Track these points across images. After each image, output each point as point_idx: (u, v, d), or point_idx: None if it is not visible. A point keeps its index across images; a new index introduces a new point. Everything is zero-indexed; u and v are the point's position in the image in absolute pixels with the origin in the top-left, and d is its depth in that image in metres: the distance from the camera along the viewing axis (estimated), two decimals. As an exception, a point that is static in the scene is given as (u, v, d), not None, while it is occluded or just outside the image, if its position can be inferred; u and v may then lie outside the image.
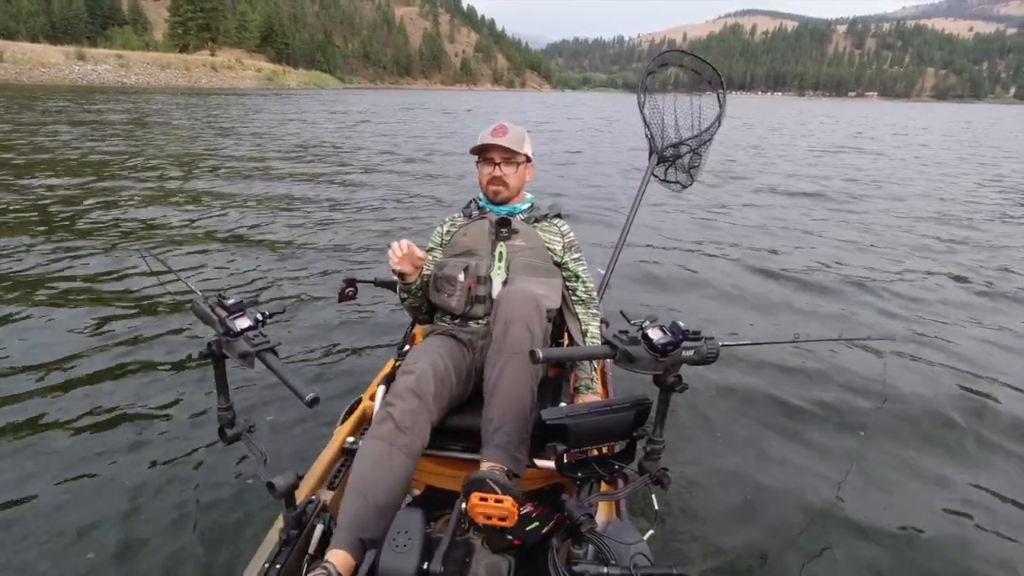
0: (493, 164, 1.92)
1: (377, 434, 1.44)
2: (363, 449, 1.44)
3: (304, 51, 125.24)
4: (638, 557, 1.17)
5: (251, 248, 5.31)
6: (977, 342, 3.82)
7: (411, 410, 1.47)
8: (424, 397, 1.51)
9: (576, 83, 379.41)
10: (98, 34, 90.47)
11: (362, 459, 1.41)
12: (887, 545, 2.04)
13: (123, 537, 1.93)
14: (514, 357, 1.48)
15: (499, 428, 1.41)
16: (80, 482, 2.19)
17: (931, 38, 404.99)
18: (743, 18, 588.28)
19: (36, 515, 2.02)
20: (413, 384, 1.52)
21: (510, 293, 1.62)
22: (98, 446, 2.41)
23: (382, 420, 1.46)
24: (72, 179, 8.28)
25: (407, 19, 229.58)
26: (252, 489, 2.14)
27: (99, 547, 1.89)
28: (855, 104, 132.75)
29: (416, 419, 1.47)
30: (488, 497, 1.20)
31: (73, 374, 2.96)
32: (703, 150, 2.80)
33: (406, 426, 1.45)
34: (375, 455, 1.40)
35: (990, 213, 8.23)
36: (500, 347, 1.51)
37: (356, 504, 1.33)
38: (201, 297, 1.26)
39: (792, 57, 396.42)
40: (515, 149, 1.90)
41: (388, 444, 1.42)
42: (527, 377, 1.48)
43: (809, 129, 27.50)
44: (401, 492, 1.41)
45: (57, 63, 60.60)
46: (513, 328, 1.51)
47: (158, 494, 2.14)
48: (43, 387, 2.82)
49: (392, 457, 1.40)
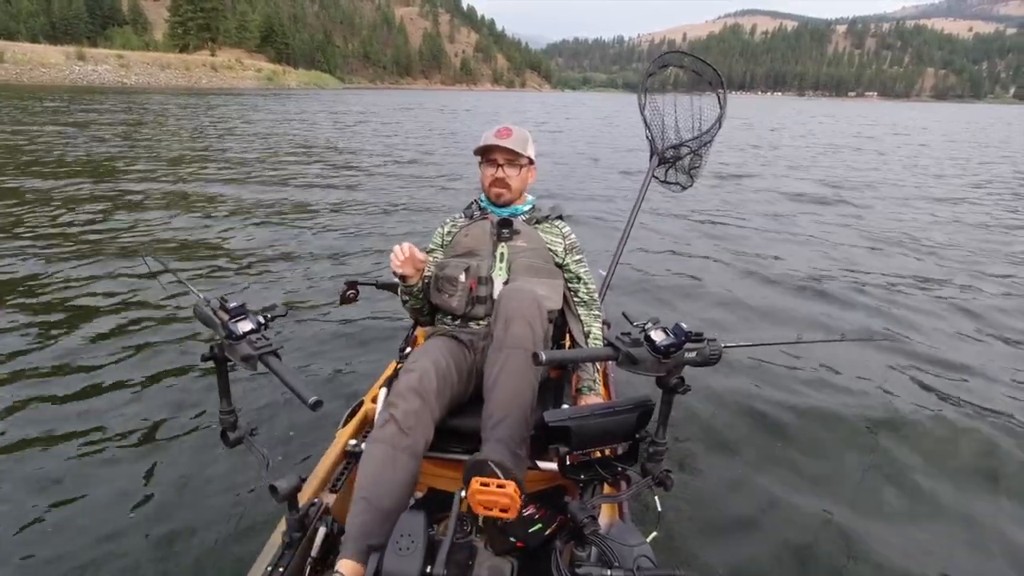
0: (496, 165, 1.92)
1: (380, 437, 1.44)
2: (367, 454, 1.43)
3: (304, 51, 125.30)
4: (641, 559, 1.17)
5: (252, 251, 5.30)
6: (979, 341, 3.82)
7: (414, 410, 1.47)
8: (426, 396, 1.50)
9: (576, 83, 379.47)
10: (98, 34, 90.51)
11: (366, 464, 1.41)
12: (893, 551, 2.03)
13: (125, 541, 1.92)
14: (515, 353, 1.48)
15: (499, 423, 1.40)
16: (80, 485, 2.18)
17: (931, 38, 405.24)
18: (743, 18, 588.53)
19: (37, 520, 2.01)
20: (415, 383, 1.51)
21: (511, 291, 1.62)
22: (100, 449, 2.40)
23: (384, 423, 1.46)
24: (71, 181, 8.27)
25: (407, 19, 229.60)
26: (255, 492, 2.14)
27: (100, 551, 1.88)
28: (855, 104, 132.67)
29: (419, 419, 1.47)
30: (490, 482, 1.19)
31: (73, 378, 2.95)
32: (704, 151, 2.80)
33: (409, 426, 1.44)
34: (379, 459, 1.40)
35: (999, 215, 8.23)
36: (501, 343, 1.51)
37: (363, 511, 1.32)
38: (203, 300, 1.25)
39: (792, 57, 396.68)
40: (519, 151, 1.89)
41: (391, 447, 1.41)
42: (528, 373, 1.48)
43: (808, 129, 27.51)
44: (407, 494, 1.41)
45: (57, 63, 60.64)
46: (514, 325, 1.51)
47: (161, 498, 2.13)
48: (43, 391, 2.81)
49: (396, 460, 1.40)
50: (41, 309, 3.78)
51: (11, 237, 5.37)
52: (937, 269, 5.47)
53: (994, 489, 2.40)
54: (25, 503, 2.09)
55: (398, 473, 1.39)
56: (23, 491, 2.15)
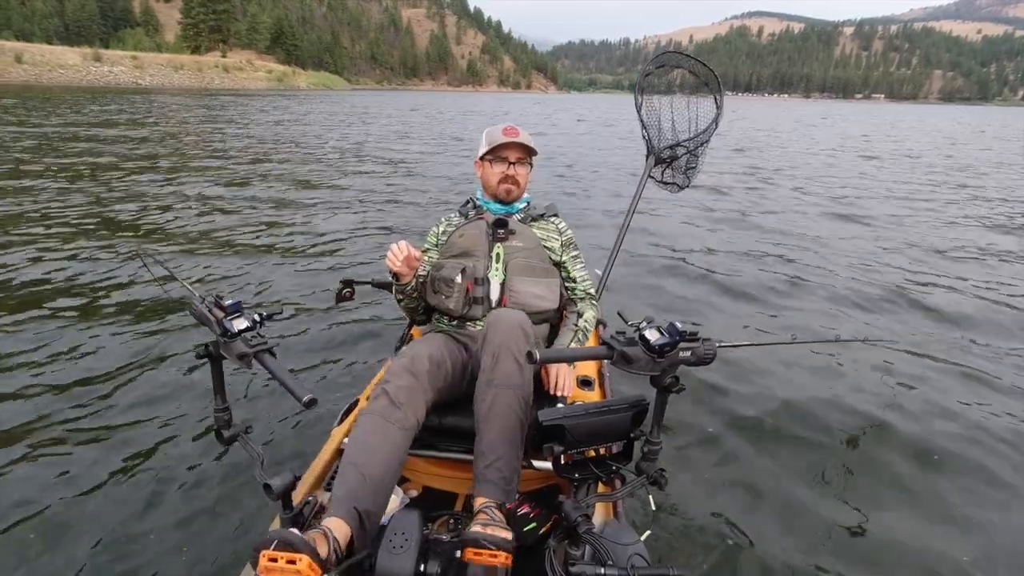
0: (507, 163, 1.93)
1: (372, 410, 1.47)
2: (358, 425, 1.46)
3: (312, 52, 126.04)
4: (635, 558, 1.17)
5: (248, 249, 5.29)
6: (979, 343, 3.80)
7: (405, 386, 1.51)
8: (419, 376, 1.54)
9: (582, 84, 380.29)
10: (110, 35, 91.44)
11: (356, 433, 1.44)
12: (888, 548, 2.02)
13: (118, 539, 1.91)
14: (504, 391, 1.49)
15: (492, 463, 1.42)
16: (74, 484, 2.17)
17: (939, 40, 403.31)
18: (749, 20, 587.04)
19: (31, 517, 2.00)
20: (408, 364, 1.56)
21: (498, 320, 1.59)
22: (93, 448, 2.38)
23: (377, 396, 1.50)
24: (71, 180, 8.25)
25: (414, 21, 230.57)
26: (249, 490, 2.12)
27: (94, 549, 1.87)
28: (862, 106, 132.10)
29: (411, 395, 1.50)
30: (483, 552, 1.20)
31: (68, 376, 2.92)
32: (700, 151, 2.81)
33: (400, 401, 1.47)
34: (369, 430, 1.43)
35: (1006, 219, 8.18)
36: (489, 379, 1.51)
37: (351, 477, 1.34)
38: (198, 298, 1.25)
39: (798, 59, 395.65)
40: (532, 147, 1.93)
41: (383, 419, 1.44)
42: (518, 410, 1.48)
43: (811, 130, 27.41)
44: (396, 466, 1.43)
45: (75, 64, 61.53)
46: (501, 363, 1.51)
47: (154, 495, 2.12)
48: (37, 389, 2.78)
49: (387, 431, 1.43)
50: (32, 306, 3.75)
51: (7, 235, 5.38)
52: (942, 269, 5.44)
53: (995, 488, 2.38)
54: (12, 500, 2.07)
55: (388, 443, 1.42)
56: (14, 489, 2.13)
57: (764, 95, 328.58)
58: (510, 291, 1.81)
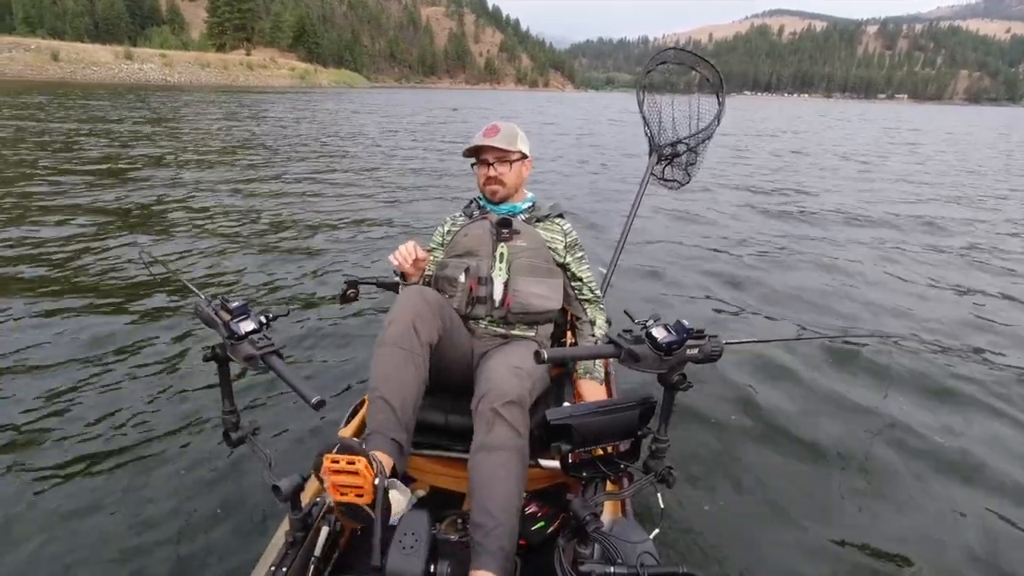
0: (487, 165, 1.91)
1: (385, 340, 1.53)
2: (376, 357, 1.52)
3: (332, 50, 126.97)
4: (644, 556, 1.17)
5: (253, 251, 5.26)
6: (998, 343, 3.74)
7: (417, 311, 1.57)
8: (429, 300, 1.62)
9: (599, 83, 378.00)
10: (138, 33, 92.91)
11: (377, 366, 1.51)
12: (901, 551, 1.99)
13: (128, 541, 1.92)
14: (499, 453, 1.40)
15: (490, 532, 1.30)
16: (82, 486, 2.17)
17: (965, 39, 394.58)
18: (770, 18, 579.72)
19: (38, 520, 2.00)
20: (416, 291, 1.65)
21: (489, 373, 1.55)
22: (101, 450, 2.38)
23: (388, 325, 1.56)
24: (75, 179, 8.22)
25: (433, 19, 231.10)
26: (257, 492, 2.12)
27: (103, 550, 1.88)
28: (885, 107, 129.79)
29: (422, 320, 1.57)
30: None
31: (74, 378, 2.91)
32: (701, 148, 2.79)
33: (414, 326, 1.54)
34: (387, 359, 1.51)
35: (1010, 216, 8.02)
36: (483, 443, 1.42)
37: (380, 409, 1.45)
38: (205, 300, 1.25)
39: (820, 58, 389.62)
40: (507, 148, 1.88)
41: (398, 347, 1.51)
42: (515, 472, 1.40)
43: (825, 130, 27.01)
44: (418, 391, 1.52)
45: (107, 62, 63.10)
46: (496, 429, 1.42)
47: (163, 498, 2.12)
48: (42, 392, 2.78)
49: (405, 359, 1.51)
50: (36, 306, 3.74)
51: (7, 234, 5.38)
52: (945, 269, 5.36)
53: (1002, 489, 2.35)
54: (19, 501, 2.08)
55: (408, 369, 1.50)
56: (20, 490, 2.13)
57: (784, 95, 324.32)
58: (513, 291, 1.80)
